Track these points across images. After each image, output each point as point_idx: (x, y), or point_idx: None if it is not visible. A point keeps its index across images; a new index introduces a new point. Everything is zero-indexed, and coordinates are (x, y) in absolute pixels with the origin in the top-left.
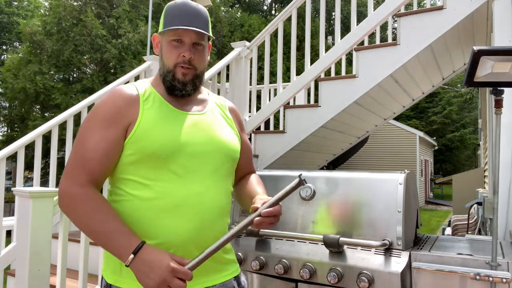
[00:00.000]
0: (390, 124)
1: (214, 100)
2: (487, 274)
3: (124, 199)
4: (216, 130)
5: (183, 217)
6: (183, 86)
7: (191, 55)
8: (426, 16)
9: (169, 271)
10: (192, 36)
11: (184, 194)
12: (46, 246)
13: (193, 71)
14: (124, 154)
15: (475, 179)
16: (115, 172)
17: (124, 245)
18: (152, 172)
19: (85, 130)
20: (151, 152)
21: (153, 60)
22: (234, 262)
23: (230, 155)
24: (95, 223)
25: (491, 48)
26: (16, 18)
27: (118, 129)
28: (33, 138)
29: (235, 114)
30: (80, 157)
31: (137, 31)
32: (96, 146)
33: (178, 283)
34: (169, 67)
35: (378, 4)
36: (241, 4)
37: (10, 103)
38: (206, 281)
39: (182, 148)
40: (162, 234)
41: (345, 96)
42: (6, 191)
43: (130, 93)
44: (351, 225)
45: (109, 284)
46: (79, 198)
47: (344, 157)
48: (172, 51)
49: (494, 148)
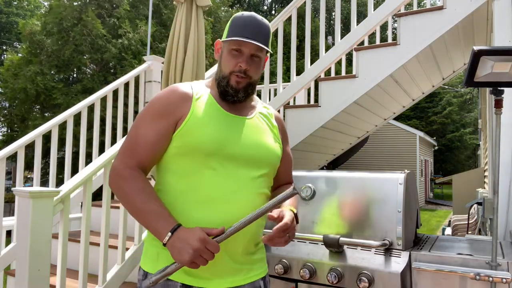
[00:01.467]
0: (390, 124)
1: (262, 108)
2: (487, 274)
3: (166, 189)
4: (259, 135)
5: (214, 211)
6: (236, 93)
7: (247, 66)
8: (426, 16)
9: (201, 242)
10: (251, 48)
11: (217, 190)
12: (46, 246)
13: (247, 80)
14: (171, 146)
15: (475, 179)
16: (161, 161)
17: (163, 225)
18: (192, 165)
19: (140, 119)
20: (194, 147)
21: (153, 60)
22: (263, 262)
23: (269, 160)
24: (138, 202)
25: (491, 48)
26: (15, 18)
27: (168, 122)
28: (33, 138)
29: (280, 123)
30: (132, 142)
31: (137, 31)
32: (146, 134)
33: (209, 254)
34: (225, 73)
35: (378, 4)
36: (241, 4)
37: (10, 103)
38: (234, 280)
39: (223, 147)
40: (193, 224)
41: (345, 96)
42: (6, 191)
43: (185, 91)
44: (351, 225)
45: (146, 272)
46: (127, 178)
47: (344, 157)
48: (231, 59)
49: (494, 148)
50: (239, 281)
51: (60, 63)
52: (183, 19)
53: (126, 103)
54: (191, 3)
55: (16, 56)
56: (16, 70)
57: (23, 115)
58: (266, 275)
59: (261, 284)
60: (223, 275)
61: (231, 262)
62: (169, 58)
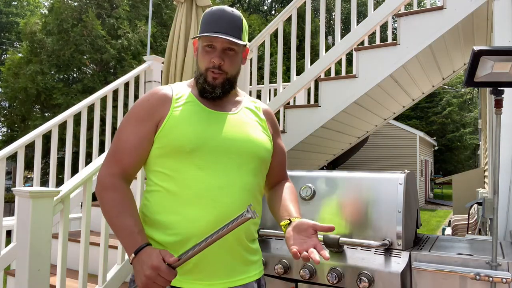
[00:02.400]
0: (390, 124)
1: (249, 102)
2: (487, 274)
3: (153, 189)
4: (245, 129)
5: (204, 208)
6: (213, 89)
7: (220, 61)
8: (426, 16)
9: (153, 269)
10: (223, 42)
11: (205, 187)
12: (46, 246)
13: (224, 76)
14: (153, 147)
15: (475, 179)
16: (147, 164)
17: (130, 245)
18: (177, 165)
19: (122, 125)
20: (176, 145)
21: (153, 60)
22: (258, 264)
23: (258, 153)
24: (113, 216)
25: (491, 48)
26: (14, 18)
27: (150, 125)
28: (33, 138)
29: (269, 117)
30: (115, 148)
31: (137, 31)
32: (128, 139)
33: (162, 280)
34: (201, 70)
35: (378, 4)
36: (241, 4)
37: (10, 103)
38: (228, 282)
39: (206, 143)
40: (183, 224)
41: (345, 96)
42: (6, 191)
43: (164, 93)
44: (351, 225)
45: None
46: (107, 187)
47: (344, 157)
48: (204, 56)
49: (494, 148)
50: (232, 282)
51: (60, 62)
52: (183, 19)
53: (126, 103)
54: (191, 3)
55: (17, 55)
56: (16, 70)
57: (23, 115)
58: (261, 278)
59: (254, 286)
60: (215, 276)
61: (228, 259)
62: (169, 58)
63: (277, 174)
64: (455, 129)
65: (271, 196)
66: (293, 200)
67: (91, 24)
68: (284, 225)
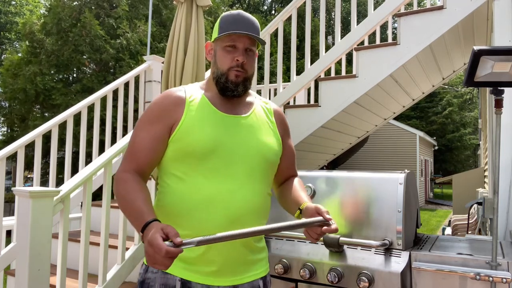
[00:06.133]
0: (390, 124)
1: (260, 103)
2: (487, 274)
3: (166, 191)
4: (256, 133)
5: (214, 211)
6: (235, 87)
7: (244, 59)
8: (426, 16)
9: (149, 246)
10: (245, 42)
11: (215, 191)
12: (46, 246)
13: (245, 74)
14: (168, 150)
15: (475, 179)
16: (161, 165)
17: (138, 223)
18: (189, 168)
19: (138, 125)
20: (189, 151)
21: (153, 60)
22: (264, 261)
23: (267, 157)
24: (126, 204)
25: (491, 48)
26: (13, 17)
27: (163, 127)
28: (33, 138)
29: (279, 118)
30: (131, 147)
31: (136, 31)
32: (143, 140)
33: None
34: (223, 70)
35: (378, 4)
36: (241, 3)
37: (10, 103)
38: (235, 279)
39: (218, 148)
40: (194, 226)
41: (345, 96)
42: (6, 191)
43: (178, 95)
44: (351, 225)
45: (147, 265)
46: (121, 180)
47: (344, 157)
48: (226, 56)
49: (494, 148)
50: (238, 280)
51: (59, 63)
52: (183, 19)
53: (126, 102)
54: (191, 3)
55: (16, 56)
56: (15, 70)
57: (23, 115)
58: (267, 275)
59: (260, 284)
60: (223, 272)
61: (235, 256)
62: (169, 58)
63: (287, 173)
64: (455, 129)
65: (280, 193)
66: (301, 190)
67: (90, 24)
68: (297, 216)
